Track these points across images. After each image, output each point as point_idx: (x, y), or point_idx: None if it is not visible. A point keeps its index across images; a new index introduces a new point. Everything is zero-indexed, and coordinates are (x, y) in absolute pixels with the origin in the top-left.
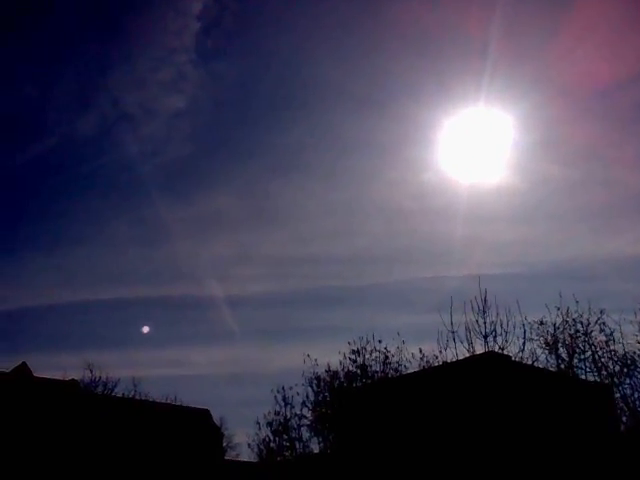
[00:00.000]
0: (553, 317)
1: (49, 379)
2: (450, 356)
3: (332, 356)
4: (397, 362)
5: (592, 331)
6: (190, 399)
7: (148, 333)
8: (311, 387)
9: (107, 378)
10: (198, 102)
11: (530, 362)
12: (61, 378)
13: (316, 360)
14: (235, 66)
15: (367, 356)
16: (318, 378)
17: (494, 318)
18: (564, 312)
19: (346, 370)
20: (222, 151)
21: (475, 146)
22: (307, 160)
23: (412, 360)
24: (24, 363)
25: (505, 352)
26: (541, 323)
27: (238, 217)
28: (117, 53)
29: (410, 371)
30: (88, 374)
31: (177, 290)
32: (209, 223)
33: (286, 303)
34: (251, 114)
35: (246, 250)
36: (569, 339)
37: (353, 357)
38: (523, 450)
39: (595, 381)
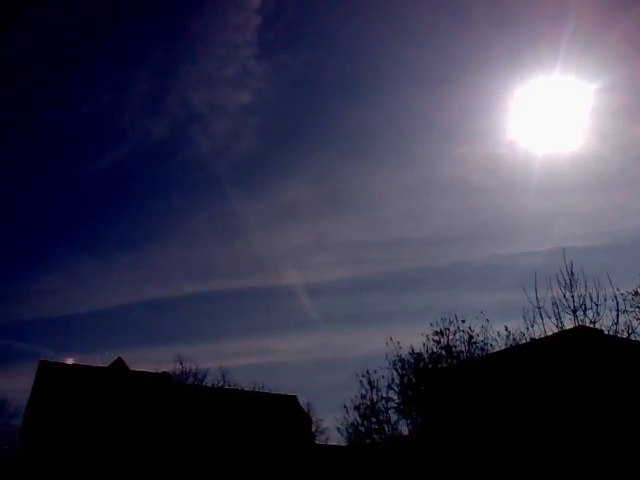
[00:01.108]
0: None
1: (143, 372)
2: (538, 333)
3: (415, 338)
4: (482, 341)
5: None
6: (276, 386)
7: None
8: (395, 370)
9: (197, 369)
10: (264, 95)
11: (625, 335)
12: (154, 371)
13: (399, 343)
14: (298, 55)
15: (451, 337)
16: (402, 360)
17: (582, 291)
18: None
19: (430, 351)
20: (291, 141)
21: (550, 115)
22: (377, 143)
23: (498, 339)
24: (120, 358)
25: (597, 326)
26: (636, 294)
27: (312, 206)
28: (182, 54)
29: (496, 350)
30: (179, 366)
31: (258, 281)
32: (284, 213)
33: (365, 288)
34: (317, 102)
35: (322, 238)
36: None
37: (436, 338)
38: (619, 430)
39: None
